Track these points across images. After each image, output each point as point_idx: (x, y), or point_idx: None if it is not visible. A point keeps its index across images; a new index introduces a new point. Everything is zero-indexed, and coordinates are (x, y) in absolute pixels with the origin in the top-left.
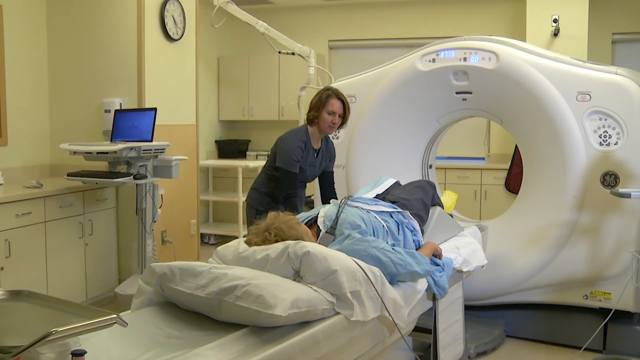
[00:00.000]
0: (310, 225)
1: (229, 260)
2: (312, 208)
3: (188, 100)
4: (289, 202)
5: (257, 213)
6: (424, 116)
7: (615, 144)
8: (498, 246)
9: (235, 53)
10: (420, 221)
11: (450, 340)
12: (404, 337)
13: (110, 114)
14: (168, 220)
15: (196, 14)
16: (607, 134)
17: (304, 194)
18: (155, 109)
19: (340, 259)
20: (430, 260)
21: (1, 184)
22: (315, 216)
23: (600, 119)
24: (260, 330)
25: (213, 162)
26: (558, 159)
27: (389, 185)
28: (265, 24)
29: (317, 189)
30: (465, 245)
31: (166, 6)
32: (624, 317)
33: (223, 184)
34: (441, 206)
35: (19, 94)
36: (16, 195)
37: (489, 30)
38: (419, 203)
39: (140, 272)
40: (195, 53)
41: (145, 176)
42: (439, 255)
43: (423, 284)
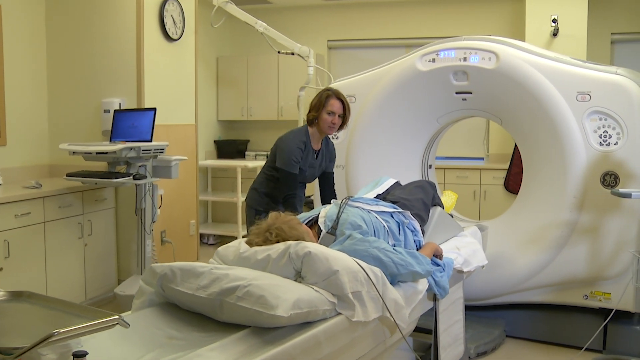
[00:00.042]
0: (311, 225)
1: (230, 261)
2: (312, 208)
3: (187, 100)
4: (288, 203)
5: (257, 213)
6: (424, 116)
7: (615, 144)
8: (498, 246)
9: (235, 53)
10: (421, 221)
11: (450, 340)
12: (405, 338)
13: (109, 114)
14: (167, 221)
15: (195, 13)
16: (607, 134)
17: (304, 195)
18: (154, 109)
19: (342, 260)
20: (431, 261)
21: (0, 184)
22: (316, 216)
23: (600, 119)
24: (262, 331)
25: (212, 162)
26: (558, 159)
27: (390, 185)
28: (264, 24)
29: (317, 190)
30: (466, 245)
31: (165, 6)
32: (624, 317)
33: (222, 184)
34: (441, 206)
35: (18, 94)
36: (15, 196)
37: (489, 30)
38: (419, 203)
39: (139, 273)
40: (195, 53)
41: (144, 176)
42: (439, 256)
43: (424, 284)
